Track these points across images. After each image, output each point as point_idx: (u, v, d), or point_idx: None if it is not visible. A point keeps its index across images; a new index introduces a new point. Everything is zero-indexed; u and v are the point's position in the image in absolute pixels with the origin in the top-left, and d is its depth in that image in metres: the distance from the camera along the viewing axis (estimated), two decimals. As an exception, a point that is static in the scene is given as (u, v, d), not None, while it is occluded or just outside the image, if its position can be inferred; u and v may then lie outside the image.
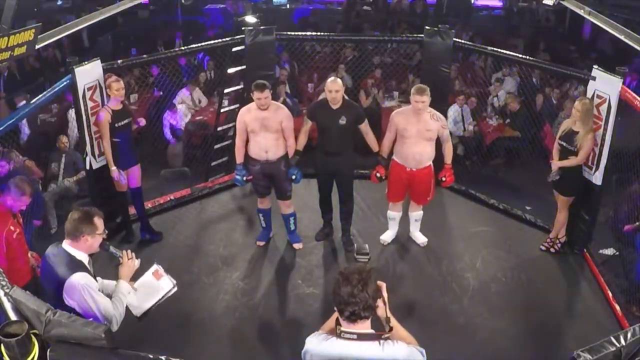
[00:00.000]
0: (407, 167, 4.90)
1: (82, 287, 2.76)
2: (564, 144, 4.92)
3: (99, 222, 2.91)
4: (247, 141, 4.93)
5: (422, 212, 5.26)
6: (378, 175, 5.03)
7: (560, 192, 5.07)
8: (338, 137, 4.87)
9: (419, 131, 4.78)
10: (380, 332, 2.28)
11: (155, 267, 3.12)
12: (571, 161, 4.87)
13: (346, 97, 4.91)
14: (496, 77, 8.40)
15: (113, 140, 4.98)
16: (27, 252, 4.03)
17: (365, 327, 2.26)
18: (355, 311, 2.20)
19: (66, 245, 2.89)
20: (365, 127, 4.94)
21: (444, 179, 5.00)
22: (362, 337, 2.23)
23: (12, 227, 3.79)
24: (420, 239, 5.35)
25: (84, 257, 2.90)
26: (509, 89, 8.12)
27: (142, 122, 5.34)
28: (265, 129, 4.77)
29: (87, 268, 2.89)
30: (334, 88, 4.71)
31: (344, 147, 4.94)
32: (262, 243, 5.35)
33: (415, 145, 4.81)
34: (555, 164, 4.97)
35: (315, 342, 2.32)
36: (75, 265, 2.83)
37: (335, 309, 2.26)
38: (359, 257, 2.54)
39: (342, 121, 4.78)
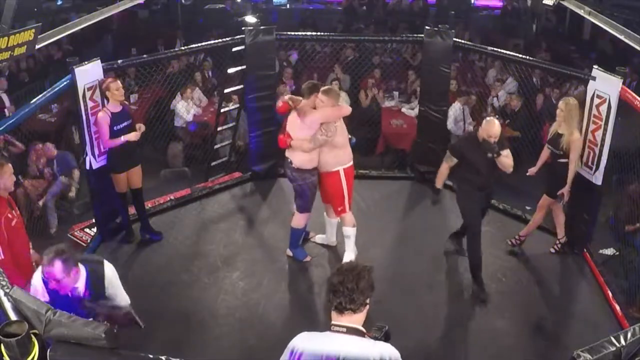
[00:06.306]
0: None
1: None
2: (551, 147, 4.92)
3: None
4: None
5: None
6: None
7: (545, 192, 5.06)
8: None
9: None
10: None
11: None
12: (571, 171, 4.80)
13: None
14: (496, 77, 8.41)
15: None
16: (28, 247, 3.92)
17: (352, 320, 2.29)
18: (341, 302, 2.26)
19: None
20: None
21: None
22: (349, 331, 2.28)
23: (9, 215, 3.68)
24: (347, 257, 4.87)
25: None
26: (510, 89, 8.11)
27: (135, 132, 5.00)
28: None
29: None
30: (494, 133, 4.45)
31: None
32: (308, 258, 5.11)
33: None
34: (566, 190, 4.83)
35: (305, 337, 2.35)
36: None
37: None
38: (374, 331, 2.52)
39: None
